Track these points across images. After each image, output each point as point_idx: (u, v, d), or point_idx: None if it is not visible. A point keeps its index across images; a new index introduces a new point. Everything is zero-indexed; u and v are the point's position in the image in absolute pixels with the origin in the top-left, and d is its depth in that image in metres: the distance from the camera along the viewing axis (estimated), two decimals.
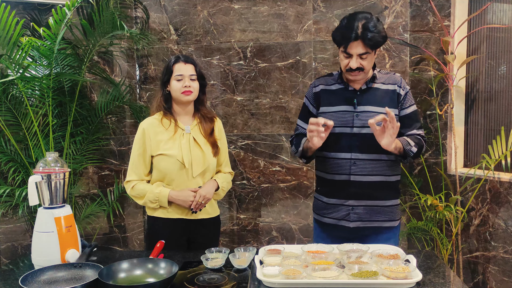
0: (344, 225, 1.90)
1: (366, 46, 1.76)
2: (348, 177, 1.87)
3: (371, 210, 1.89)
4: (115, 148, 3.20)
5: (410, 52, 3.02)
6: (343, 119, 1.88)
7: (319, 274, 1.40)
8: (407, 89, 1.92)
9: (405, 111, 1.90)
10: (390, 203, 1.92)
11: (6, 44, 2.42)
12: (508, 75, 2.72)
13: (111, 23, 2.74)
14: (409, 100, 1.92)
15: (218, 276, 1.54)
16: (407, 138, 1.85)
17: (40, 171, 1.63)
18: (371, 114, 1.84)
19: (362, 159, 1.85)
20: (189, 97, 1.97)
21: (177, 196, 1.95)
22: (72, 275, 1.51)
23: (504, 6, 2.70)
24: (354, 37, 1.74)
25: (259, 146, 3.19)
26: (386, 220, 1.91)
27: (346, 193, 1.89)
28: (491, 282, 2.72)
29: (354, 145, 1.86)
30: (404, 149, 1.81)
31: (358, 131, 1.85)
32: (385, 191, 1.90)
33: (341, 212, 1.91)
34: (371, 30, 1.74)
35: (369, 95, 1.89)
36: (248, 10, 3.11)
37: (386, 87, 1.91)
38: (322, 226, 2.01)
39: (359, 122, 1.86)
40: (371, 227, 1.90)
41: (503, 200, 2.61)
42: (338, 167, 1.89)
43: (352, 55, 1.79)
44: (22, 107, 2.74)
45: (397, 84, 1.91)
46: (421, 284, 1.43)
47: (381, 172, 1.87)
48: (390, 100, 1.88)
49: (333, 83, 1.96)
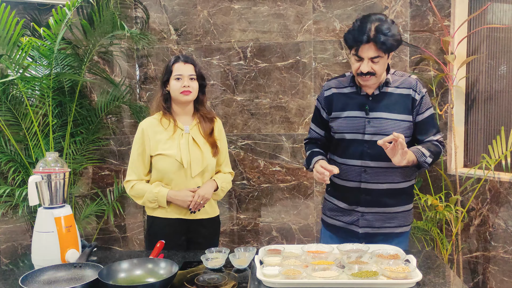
0: (353, 229, 1.88)
1: (378, 50, 1.68)
2: (359, 184, 1.83)
3: (382, 217, 1.85)
4: (115, 148, 3.21)
5: (410, 52, 3.02)
6: (355, 125, 1.82)
7: (319, 274, 1.40)
8: (423, 93, 1.82)
9: (421, 116, 1.82)
10: (402, 209, 1.87)
11: (6, 44, 2.42)
12: (508, 75, 2.72)
13: (111, 23, 2.74)
14: (425, 105, 1.82)
15: (218, 276, 1.54)
16: (421, 148, 1.76)
17: (40, 171, 1.63)
18: (384, 121, 1.79)
19: (373, 167, 1.80)
20: (188, 97, 1.97)
21: (175, 196, 1.95)
22: (72, 275, 1.51)
23: (504, 6, 2.69)
24: (366, 40, 1.66)
25: (259, 146, 3.19)
26: (398, 226, 1.87)
27: (356, 200, 1.85)
28: (491, 282, 2.72)
29: (365, 152, 1.81)
30: (418, 161, 1.74)
31: (370, 138, 1.79)
32: (397, 198, 1.85)
33: (350, 217, 1.88)
34: (384, 33, 1.65)
35: (381, 101, 1.81)
36: (248, 10, 3.11)
37: (400, 91, 1.82)
38: (328, 227, 1.98)
39: (371, 129, 1.79)
40: (381, 233, 1.86)
41: (503, 200, 2.61)
42: (349, 174, 1.85)
43: (363, 59, 1.71)
44: (22, 107, 2.74)
45: (412, 88, 1.81)
46: (421, 284, 1.43)
47: (392, 180, 1.82)
48: (404, 106, 1.80)
49: (346, 86, 1.88)
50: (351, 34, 1.72)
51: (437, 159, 1.84)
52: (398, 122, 1.79)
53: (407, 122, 1.80)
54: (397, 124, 1.79)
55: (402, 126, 1.79)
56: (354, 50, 1.72)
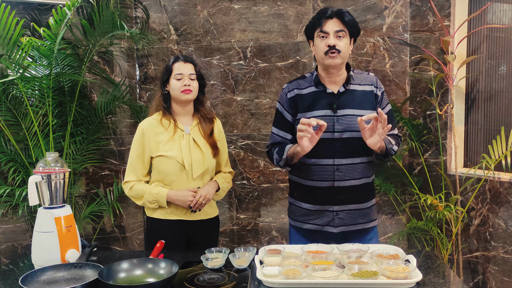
0: (328, 230, 1.87)
1: (342, 24, 1.77)
2: (332, 183, 1.83)
3: (354, 214, 1.87)
4: (115, 148, 3.21)
5: (410, 52, 3.02)
6: None
7: (319, 274, 1.40)
8: (383, 88, 1.91)
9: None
10: (370, 204, 1.93)
11: (6, 44, 2.42)
12: (508, 75, 2.72)
13: (111, 23, 2.74)
14: (385, 100, 1.91)
15: (218, 276, 1.54)
16: (387, 137, 1.85)
17: (40, 171, 1.63)
18: (352, 118, 1.80)
19: (345, 164, 1.82)
20: (188, 96, 1.96)
21: (175, 196, 1.94)
22: (72, 275, 1.51)
23: (504, 6, 2.70)
24: (329, 14, 1.78)
25: (259, 146, 3.19)
26: (368, 221, 1.92)
27: (330, 199, 1.85)
28: (491, 282, 2.72)
29: (336, 150, 1.81)
30: (386, 148, 1.79)
31: (340, 136, 1.81)
32: (366, 193, 1.91)
33: (325, 218, 1.87)
34: (345, 12, 1.79)
35: (347, 98, 1.84)
36: (248, 10, 3.11)
37: (363, 88, 1.87)
38: (301, 232, 1.95)
39: (340, 126, 1.81)
40: (355, 230, 1.89)
41: (503, 200, 2.61)
42: (321, 174, 1.84)
43: (328, 33, 1.77)
44: (22, 107, 2.74)
45: (374, 84, 1.88)
46: (421, 284, 1.43)
47: (362, 175, 1.86)
48: (368, 102, 1.85)
49: (308, 86, 1.88)
50: (312, 19, 1.83)
51: (398, 148, 1.92)
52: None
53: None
54: None
55: (369, 122, 1.80)
56: (318, 29, 1.79)
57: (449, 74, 2.76)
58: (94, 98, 3.09)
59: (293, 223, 1.98)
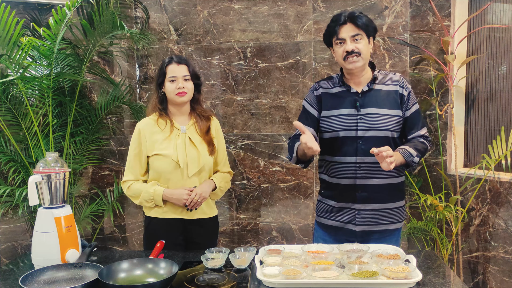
0: (350, 228, 1.89)
1: (357, 28, 1.79)
2: (354, 181, 1.85)
3: (378, 213, 1.87)
4: (115, 148, 3.21)
5: (410, 52, 3.02)
6: (347, 123, 1.85)
7: (319, 274, 1.40)
8: (409, 88, 1.91)
9: (408, 111, 1.89)
10: (396, 205, 1.91)
11: (6, 44, 2.42)
12: (508, 75, 2.72)
13: (111, 23, 2.74)
14: (412, 100, 1.91)
15: (218, 276, 1.54)
16: (408, 147, 1.83)
17: (40, 171, 1.63)
18: (375, 117, 1.83)
19: (368, 162, 1.83)
20: (183, 98, 1.98)
21: (171, 194, 1.95)
22: (72, 275, 1.51)
23: (504, 6, 2.69)
24: (343, 20, 1.80)
25: (259, 146, 3.19)
26: (392, 222, 1.90)
27: (352, 197, 1.87)
28: (491, 282, 2.72)
29: (359, 148, 1.84)
30: (406, 161, 1.81)
31: (363, 134, 1.83)
32: (391, 193, 1.89)
33: (347, 216, 1.89)
34: (357, 14, 1.81)
35: (371, 97, 1.87)
36: (248, 10, 3.11)
37: (388, 88, 1.89)
38: (325, 229, 1.99)
39: (363, 125, 1.84)
40: (377, 231, 1.89)
41: (503, 200, 2.61)
42: (344, 171, 1.87)
43: (345, 39, 1.80)
44: (22, 107, 2.74)
45: (399, 84, 1.89)
46: (421, 284, 1.43)
47: (386, 175, 1.85)
48: (393, 101, 1.87)
49: (334, 86, 1.93)
50: (328, 28, 1.88)
51: (425, 154, 1.92)
52: (389, 117, 1.85)
53: (397, 117, 1.86)
54: (387, 119, 1.84)
55: (393, 121, 1.85)
56: (335, 38, 1.83)
57: (449, 74, 2.76)
58: (94, 98, 3.09)
59: (318, 220, 2.02)
